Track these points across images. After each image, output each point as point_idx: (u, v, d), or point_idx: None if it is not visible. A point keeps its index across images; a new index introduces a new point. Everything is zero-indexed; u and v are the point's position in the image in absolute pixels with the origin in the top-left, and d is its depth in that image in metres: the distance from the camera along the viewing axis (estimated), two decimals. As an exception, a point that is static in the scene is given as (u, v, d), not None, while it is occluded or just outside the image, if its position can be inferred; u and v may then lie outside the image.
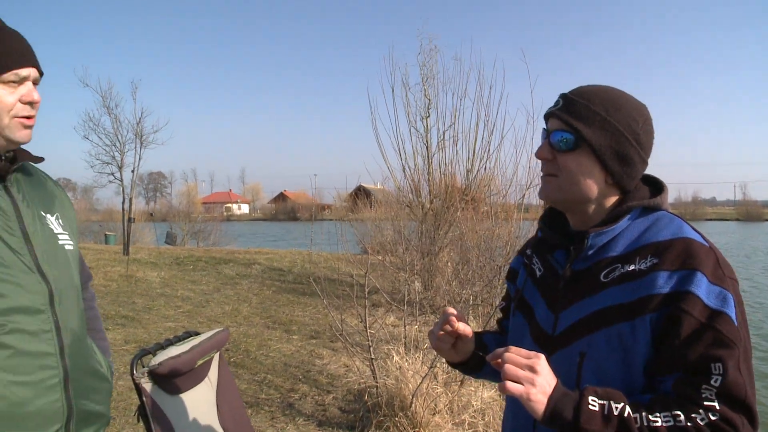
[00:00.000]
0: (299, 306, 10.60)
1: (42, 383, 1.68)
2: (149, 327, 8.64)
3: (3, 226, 1.69)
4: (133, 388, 2.46)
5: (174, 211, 39.47)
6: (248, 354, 7.28)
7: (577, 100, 1.50)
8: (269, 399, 5.81)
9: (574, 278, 1.51)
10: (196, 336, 2.77)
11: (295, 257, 17.84)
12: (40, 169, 2.04)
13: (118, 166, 19.83)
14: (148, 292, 11.51)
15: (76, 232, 2.02)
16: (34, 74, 1.77)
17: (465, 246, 8.77)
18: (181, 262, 16.22)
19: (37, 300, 1.70)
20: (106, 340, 2.24)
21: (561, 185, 1.51)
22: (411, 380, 4.99)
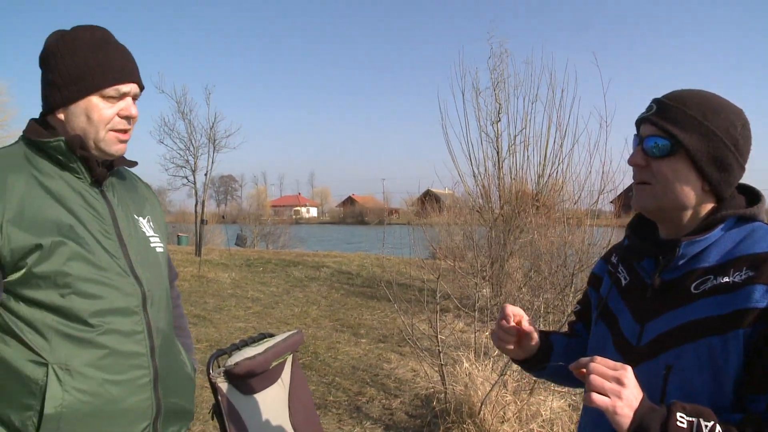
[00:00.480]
0: (367, 309, 10.65)
1: (133, 382, 1.74)
2: (220, 327, 8.83)
3: (100, 229, 1.76)
4: (205, 385, 2.51)
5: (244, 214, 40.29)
6: (317, 356, 7.35)
7: (672, 104, 1.45)
8: (337, 401, 5.85)
9: (663, 288, 1.46)
10: (270, 338, 2.81)
11: (363, 261, 17.93)
12: (133, 173, 2.12)
13: (192, 169, 20.29)
14: (219, 293, 11.76)
15: (165, 233, 2.09)
16: (134, 90, 1.82)
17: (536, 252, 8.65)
18: (252, 264, 16.52)
19: (131, 302, 1.76)
20: (190, 338, 2.31)
21: (655, 193, 1.46)
22: (480, 387, 4.95)
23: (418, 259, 9.08)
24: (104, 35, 1.81)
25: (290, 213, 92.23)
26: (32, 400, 1.61)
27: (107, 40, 1.80)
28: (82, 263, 1.67)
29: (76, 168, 1.76)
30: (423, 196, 18.58)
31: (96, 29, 1.81)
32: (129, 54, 1.84)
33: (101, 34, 1.81)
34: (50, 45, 1.78)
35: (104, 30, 1.84)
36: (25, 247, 1.60)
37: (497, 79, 11.18)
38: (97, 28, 1.82)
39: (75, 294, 1.65)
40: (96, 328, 1.67)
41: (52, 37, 1.79)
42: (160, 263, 1.95)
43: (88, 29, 1.80)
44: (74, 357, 1.64)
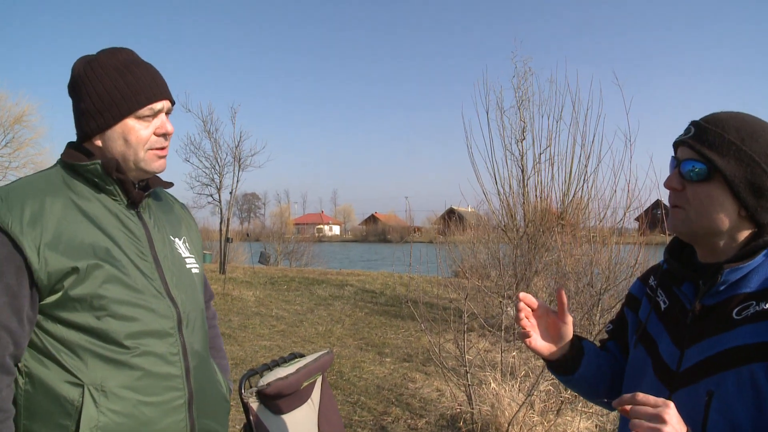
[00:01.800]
0: (392, 328, 10.63)
1: (168, 404, 1.75)
2: (245, 345, 8.86)
3: (136, 251, 1.77)
4: (232, 403, 2.53)
5: (267, 232, 40.36)
6: (342, 375, 7.34)
7: (710, 128, 1.43)
8: (362, 421, 5.83)
9: (704, 314, 1.44)
10: (301, 358, 2.82)
11: (386, 279, 17.92)
12: (169, 193, 2.14)
13: (217, 187, 20.42)
14: (244, 311, 11.81)
15: (201, 253, 2.10)
16: (167, 106, 1.84)
17: (561, 271, 8.60)
18: (275, 282, 16.58)
19: (166, 324, 1.77)
20: (226, 359, 2.30)
21: (690, 217, 1.44)
22: (507, 408, 4.92)
23: (442, 278, 9.06)
24: (129, 56, 1.82)
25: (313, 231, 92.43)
26: (68, 420, 1.62)
27: (133, 61, 1.81)
28: (117, 286, 1.69)
29: (113, 190, 1.78)
30: (446, 214, 18.57)
31: (120, 51, 1.83)
32: (156, 71, 1.85)
33: (126, 55, 1.82)
34: (77, 73, 1.79)
35: (128, 51, 1.85)
36: (61, 271, 1.62)
37: (521, 97, 11.24)
38: (121, 50, 1.83)
39: (110, 316, 1.66)
40: (131, 350, 1.69)
41: (78, 65, 1.80)
42: (195, 284, 1.96)
43: (113, 52, 1.81)
44: (110, 378, 1.65)
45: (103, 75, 1.76)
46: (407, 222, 37.13)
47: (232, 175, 20.21)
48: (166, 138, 1.84)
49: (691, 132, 1.46)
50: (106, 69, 1.76)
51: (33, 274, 1.60)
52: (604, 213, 9.60)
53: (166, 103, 1.84)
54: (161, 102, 1.81)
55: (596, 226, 9.70)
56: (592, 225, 9.96)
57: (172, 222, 2.00)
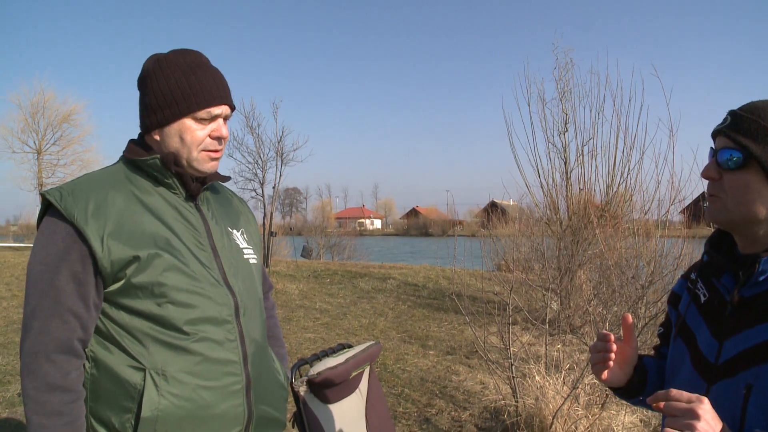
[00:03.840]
0: (435, 321, 10.65)
1: (226, 388, 1.82)
2: (289, 337, 8.97)
3: (194, 241, 1.86)
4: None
5: (309, 226, 40.59)
6: (385, 367, 7.40)
7: (745, 115, 1.42)
8: (406, 413, 5.89)
9: (743, 305, 1.43)
10: (350, 348, 2.88)
11: (428, 273, 17.92)
12: (227, 187, 2.22)
13: (260, 182, 20.57)
14: (288, 304, 11.94)
15: (259, 245, 2.18)
16: (225, 111, 1.91)
17: (605, 264, 8.53)
18: (318, 275, 16.70)
19: (224, 311, 1.85)
20: (284, 348, 2.38)
21: (727, 206, 1.44)
22: (551, 401, 4.92)
23: (486, 271, 9.06)
24: (198, 58, 1.90)
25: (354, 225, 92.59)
26: (130, 403, 1.71)
27: (200, 64, 1.88)
28: (177, 274, 1.77)
29: (172, 183, 1.87)
30: (488, 207, 18.49)
31: (190, 53, 1.90)
32: (221, 76, 1.92)
33: (195, 57, 1.89)
34: (147, 68, 1.88)
35: (198, 53, 1.92)
36: (124, 259, 1.70)
37: (563, 89, 11.12)
38: (191, 52, 1.91)
39: (170, 303, 1.74)
40: (190, 336, 1.76)
41: (149, 61, 1.89)
42: (253, 274, 2.04)
43: (183, 53, 1.89)
44: (170, 363, 1.73)
45: (169, 73, 1.84)
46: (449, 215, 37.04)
47: (275, 170, 20.35)
48: (221, 142, 1.91)
49: (728, 121, 1.46)
50: (173, 68, 1.84)
51: (97, 262, 1.69)
52: (648, 206, 9.49)
53: (225, 108, 1.90)
54: (220, 107, 1.88)
55: (640, 218, 9.59)
56: (636, 218, 9.85)
57: (230, 214, 2.08)
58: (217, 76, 1.91)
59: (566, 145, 11.08)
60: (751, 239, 1.47)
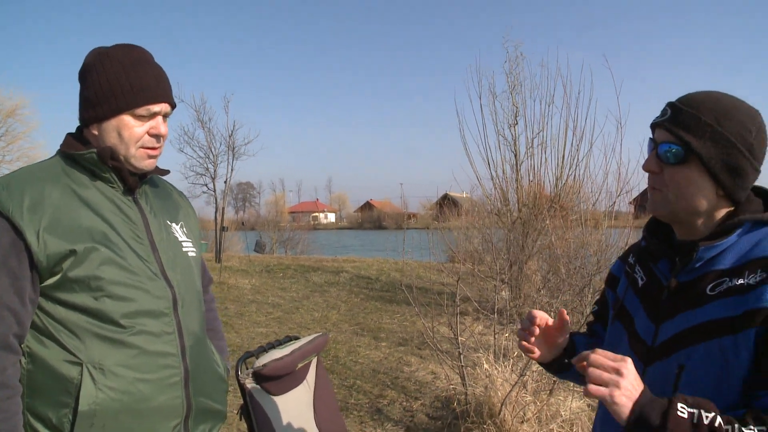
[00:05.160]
0: (387, 313, 10.71)
1: (164, 381, 1.81)
2: (242, 332, 8.93)
3: (132, 235, 1.84)
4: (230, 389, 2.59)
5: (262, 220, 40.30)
6: (338, 360, 7.42)
7: (685, 109, 1.44)
8: (358, 404, 5.92)
9: (679, 290, 1.47)
10: (296, 340, 2.88)
11: (381, 265, 17.98)
12: (167, 181, 2.21)
13: (211, 177, 20.40)
14: (240, 299, 11.87)
15: (198, 239, 2.17)
16: (165, 109, 1.90)
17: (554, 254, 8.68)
18: (271, 270, 16.63)
19: (161, 304, 1.84)
20: (224, 341, 2.38)
21: (669, 199, 1.47)
22: (500, 388, 5.00)
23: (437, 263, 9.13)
24: (140, 54, 1.88)
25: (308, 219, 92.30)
26: (68, 398, 1.69)
27: (142, 60, 1.87)
28: (114, 267, 1.75)
29: (109, 177, 1.85)
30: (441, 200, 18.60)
31: (133, 48, 1.89)
32: (162, 74, 1.91)
33: (137, 53, 1.88)
34: (88, 62, 1.86)
35: (141, 49, 1.91)
36: (60, 253, 1.68)
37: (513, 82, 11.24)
38: (134, 47, 1.89)
39: (107, 297, 1.73)
40: (128, 329, 1.75)
41: (91, 54, 1.87)
42: (191, 267, 2.03)
43: (125, 48, 1.87)
44: (107, 356, 1.72)
45: (110, 68, 1.82)
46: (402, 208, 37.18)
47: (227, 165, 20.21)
48: (159, 140, 1.90)
49: (668, 114, 1.48)
50: (114, 63, 1.83)
51: (33, 256, 1.67)
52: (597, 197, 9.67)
53: (165, 106, 1.89)
54: (160, 105, 1.87)
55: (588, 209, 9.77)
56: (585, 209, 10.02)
57: (170, 208, 2.07)
58: (159, 73, 1.89)
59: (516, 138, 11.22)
60: (690, 228, 1.51)
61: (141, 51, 1.90)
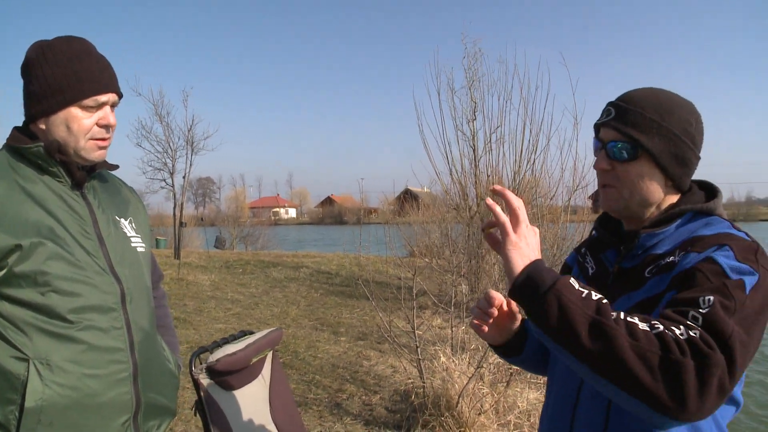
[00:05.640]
0: (347, 308, 10.73)
1: (112, 376, 1.80)
2: (200, 328, 8.85)
3: (79, 230, 1.82)
4: (187, 386, 2.58)
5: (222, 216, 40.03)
6: (297, 355, 7.41)
7: (629, 108, 1.51)
8: (317, 399, 5.92)
9: (621, 275, 1.54)
10: (251, 335, 2.88)
11: (342, 260, 17.99)
12: (116, 176, 2.18)
13: (170, 172, 20.16)
14: (199, 295, 11.76)
15: (148, 234, 2.15)
16: (112, 99, 1.88)
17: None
18: (231, 266, 16.50)
19: (109, 299, 1.82)
20: (176, 337, 2.36)
21: (623, 195, 1.53)
22: (457, 381, 5.05)
23: (396, 258, 9.17)
24: (83, 46, 1.86)
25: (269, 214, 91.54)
26: (14, 394, 1.67)
27: (86, 51, 1.85)
28: (60, 262, 1.73)
29: (57, 172, 1.82)
30: (402, 194, 18.65)
31: (75, 40, 1.86)
32: (107, 64, 1.89)
33: (80, 45, 1.86)
34: (30, 56, 1.83)
35: (83, 41, 1.88)
36: (5, 248, 1.66)
37: (472, 78, 11.27)
38: (76, 39, 1.87)
39: (54, 292, 1.71)
40: (75, 325, 1.73)
41: (32, 48, 1.84)
42: (140, 262, 2.01)
43: (67, 40, 1.85)
44: (54, 352, 1.70)
45: (54, 61, 1.80)
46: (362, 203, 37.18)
47: (185, 159, 20.00)
48: (108, 130, 1.88)
49: (612, 114, 1.54)
50: (58, 56, 1.80)
51: None
52: (554, 192, 9.78)
53: (112, 96, 1.88)
54: (107, 95, 1.85)
55: (546, 204, 9.87)
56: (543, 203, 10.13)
57: (118, 203, 2.05)
58: (103, 63, 1.88)
59: (475, 133, 11.25)
60: (639, 219, 1.57)
61: (83, 42, 1.88)
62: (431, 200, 14.95)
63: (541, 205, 9.92)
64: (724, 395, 1.14)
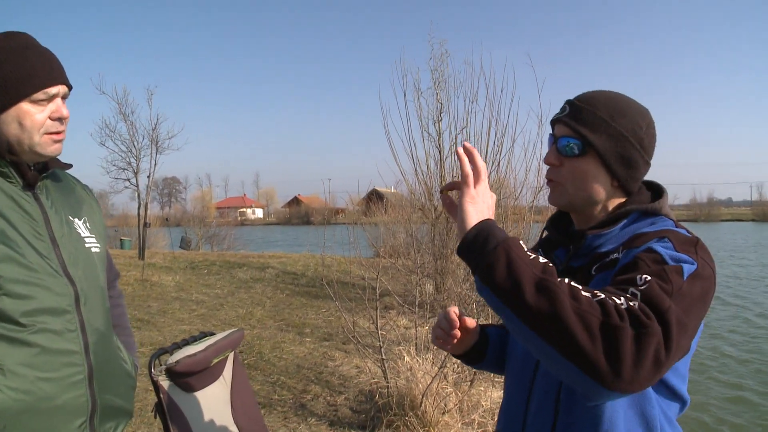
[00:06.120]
0: (312, 309, 10.71)
1: (67, 379, 1.77)
2: (164, 330, 8.78)
3: (31, 231, 1.79)
4: (150, 388, 2.56)
5: (188, 216, 39.70)
6: (262, 356, 7.39)
7: (583, 106, 1.55)
8: (282, 400, 5.91)
9: (570, 273, 1.55)
10: (211, 336, 2.87)
11: (308, 261, 17.94)
12: (70, 175, 2.14)
13: (134, 171, 19.93)
14: (163, 296, 11.66)
15: (103, 234, 2.11)
16: (63, 90, 1.85)
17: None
18: (196, 267, 16.37)
19: (63, 301, 1.79)
20: (132, 337, 2.33)
21: (568, 190, 1.56)
22: (421, 380, 5.08)
23: (362, 258, 9.18)
24: (26, 40, 1.82)
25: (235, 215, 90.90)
26: None
27: (29, 45, 1.81)
28: (12, 265, 1.70)
29: (7, 172, 1.79)
30: (369, 195, 18.67)
31: (16, 35, 1.83)
32: (53, 56, 1.86)
33: (22, 39, 1.82)
34: None
35: (25, 35, 1.85)
36: None
37: (438, 79, 11.34)
38: (17, 34, 1.83)
39: (5, 295, 1.68)
40: (28, 328, 1.70)
41: None
42: (95, 263, 1.98)
43: (8, 36, 1.81)
44: (7, 356, 1.67)
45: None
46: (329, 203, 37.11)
47: (150, 159, 19.79)
48: (62, 122, 1.85)
49: (566, 110, 1.58)
50: (2, 52, 1.76)
51: None
52: (519, 192, 9.87)
53: (62, 87, 1.84)
54: (57, 87, 1.82)
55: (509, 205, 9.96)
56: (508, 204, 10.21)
57: (72, 203, 2.01)
58: (48, 55, 1.84)
59: (440, 134, 11.33)
60: (587, 217, 1.61)
61: (25, 36, 1.85)
62: (398, 201, 14.98)
63: (506, 206, 10.01)
64: (660, 367, 1.15)
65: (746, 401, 8.08)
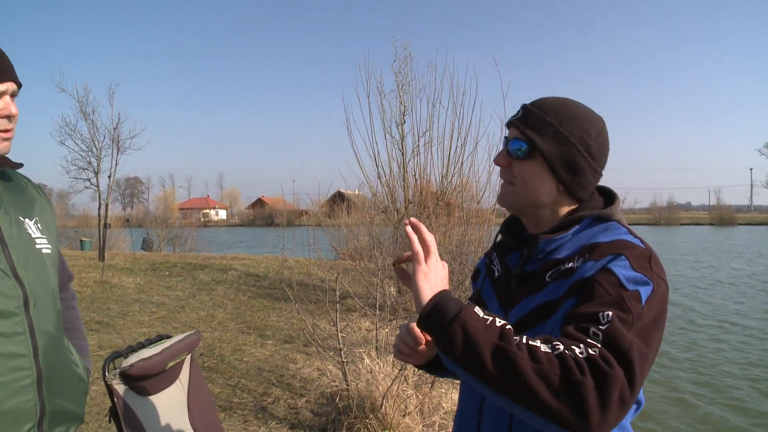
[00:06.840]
0: (274, 311, 10.65)
1: (14, 383, 1.74)
2: (123, 332, 8.66)
3: None
4: (106, 392, 2.53)
5: (150, 217, 39.20)
6: (222, 359, 7.33)
7: (533, 110, 1.58)
8: (242, 403, 5.87)
9: (524, 278, 1.58)
10: (167, 338, 2.84)
11: (270, 263, 17.84)
12: (21, 175, 2.10)
13: (95, 171, 19.60)
14: (123, 298, 11.50)
15: (55, 235, 2.07)
16: (11, 88, 1.82)
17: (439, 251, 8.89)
18: (157, 268, 16.18)
19: (10, 303, 1.75)
20: (85, 340, 2.29)
21: (515, 192, 1.59)
22: (382, 383, 5.08)
23: (324, 260, 9.16)
24: None
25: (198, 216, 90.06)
26: None
27: None
28: None
29: None
30: (333, 197, 18.64)
31: None
32: (2, 53, 1.83)
33: None
34: None
35: None
36: None
37: (402, 82, 11.39)
38: None
39: None
40: None
41: None
42: (45, 264, 1.94)
43: None
44: None
45: None
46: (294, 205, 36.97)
47: (111, 159, 19.50)
48: (11, 120, 1.82)
49: (519, 114, 1.61)
50: None
51: None
52: (482, 194, 9.96)
53: (11, 84, 1.82)
54: (4, 84, 1.79)
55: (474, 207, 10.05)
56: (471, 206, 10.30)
57: (23, 203, 1.97)
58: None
59: (404, 137, 11.38)
60: (537, 222, 1.63)
61: None
62: (361, 203, 14.99)
63: (469, 209, 10.08)
64: (626, 407, 1.19)
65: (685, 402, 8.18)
